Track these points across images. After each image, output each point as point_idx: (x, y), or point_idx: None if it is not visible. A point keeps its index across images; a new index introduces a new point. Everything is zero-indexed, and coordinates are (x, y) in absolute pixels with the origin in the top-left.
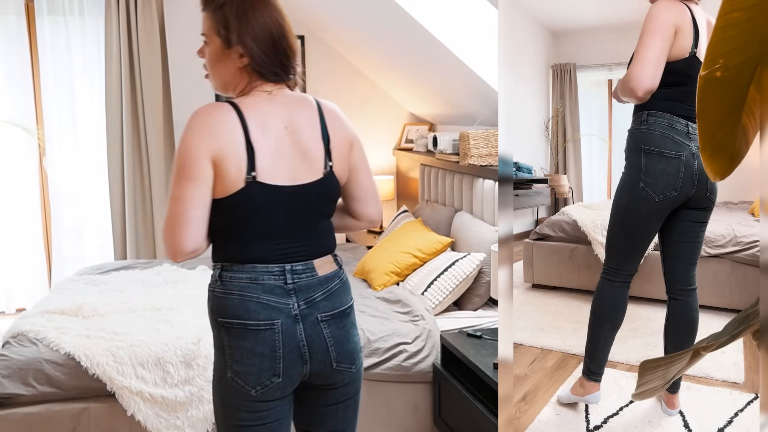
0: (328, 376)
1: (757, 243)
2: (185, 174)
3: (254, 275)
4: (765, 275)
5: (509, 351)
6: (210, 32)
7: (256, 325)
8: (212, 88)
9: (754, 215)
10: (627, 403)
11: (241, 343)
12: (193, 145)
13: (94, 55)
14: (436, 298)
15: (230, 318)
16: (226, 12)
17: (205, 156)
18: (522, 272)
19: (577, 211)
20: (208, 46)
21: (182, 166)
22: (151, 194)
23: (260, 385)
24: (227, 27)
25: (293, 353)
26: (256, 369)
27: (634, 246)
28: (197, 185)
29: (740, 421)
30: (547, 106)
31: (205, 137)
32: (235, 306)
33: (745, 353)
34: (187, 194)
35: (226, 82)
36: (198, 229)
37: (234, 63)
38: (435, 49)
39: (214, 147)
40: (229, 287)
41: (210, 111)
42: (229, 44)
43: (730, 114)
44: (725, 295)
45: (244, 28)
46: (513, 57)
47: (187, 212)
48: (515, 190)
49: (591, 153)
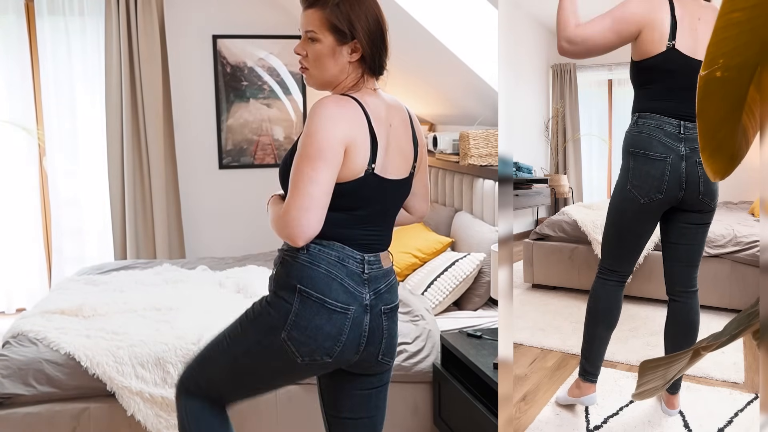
0: (368, 366)
1: (757, 243)
2: (323, 158)
3: (342, 255)
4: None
5: (509, 351)
6: (321, 28)
7: (333, 305)
8: (309, 84)
9: (754, 215)
10: (627, 403)
11: (312, 316)
12: (331, 132)
13: (94, 55)
14: (436, 298)
15: (311, 289)
16: (345, 8)
17: (342, 142)
18: (522, 272)
19: (577, 211)
20: (316, 42)
21: (321, 150)
22: (151, 194)
23: (310, 357)
24: (348, 22)
25: (354, 341)
26: (315, 344)
27: (626, 247)
28: (332, 170)
29: (740, 421)
30: (547, 106)
31: (342, 125)
32: (321, 279)
33: (745, 353)
34: (324, 178)
35: (333, 77)
36: (325, 213)
37: (344, 58)
38: (435, 48)
39: (350, 135)
40: (317, 259)
41: (339, 103)
42: (344, 39)
43: (730, 114)
44: (725, 295)
45: (361, 24)
46: (513, 57)
47: (324, 196)
48: (515, 190)
49: (591, 153)
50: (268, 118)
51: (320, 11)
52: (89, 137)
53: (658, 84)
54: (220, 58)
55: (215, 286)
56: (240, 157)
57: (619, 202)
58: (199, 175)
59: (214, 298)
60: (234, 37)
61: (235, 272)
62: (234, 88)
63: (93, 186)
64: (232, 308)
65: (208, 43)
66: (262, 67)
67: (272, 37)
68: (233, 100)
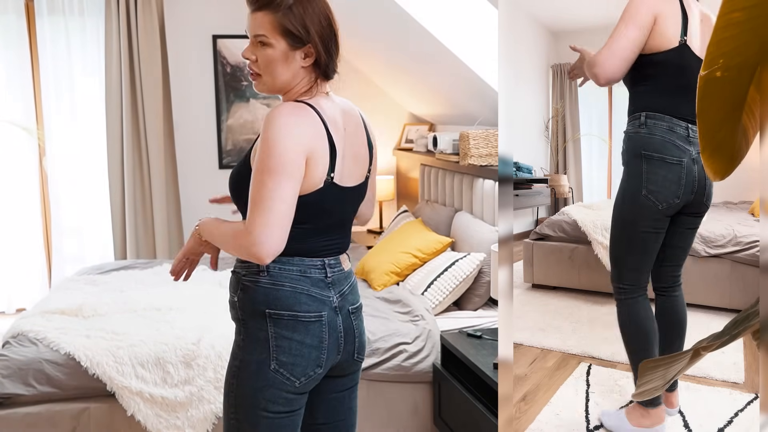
0: (346, 367)
1: (757, 243)
2: (286, 172)
3: (302, 268)
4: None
5: (509, 351)
6: (273, 33)
7: (306, 317)
8: (259, 90)
9: (754, 215)
10: (627, 403)
11: (290, 335)
12: (291, 143)
13: (94, 55)
14: (436, 298)
15: (281, 310)
16: (299, 11)
17: (303, 154)
18: (522, 272)
19: (577, 211)
20: (267, 47)
21: (282, 164)
22: (151, 194)
23: (305, 376)
24: (301, 26)
25: (333, 344)
26: (304, 360)
27: (647, 256)
28: (296, 183)
29: (740, 421)
30: (547, 106)
31: (300, 136)
32: (287, 298)
33: (745, 353)
34: (288, 193)
35: (285, 83)
36: (289, 229)
37: (297, 63)
38: (435, 49)
39: (309, 146)
40: (279, 279)
41: (296, 111)
42: (298, 44)
43: (730, 114)
44: (725, 295)
45: (315, 27)
46: (513, 57)
47: (289, 211)
48: (515, 190)
49: (591, 153)
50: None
51: (271, 14)
52: (89, 137)
53: (666, 80)
54: (220, 58)
55: (215, 286)
56: (240, 157)
57: (633, 210)
58: (199, 175)
59: (214, 298)
60: (234, 37)
61: None
62: (234, 88)
63: (93, 186)
64: None
65: (208, 43)
66: None
67: None
68: (233, 100)
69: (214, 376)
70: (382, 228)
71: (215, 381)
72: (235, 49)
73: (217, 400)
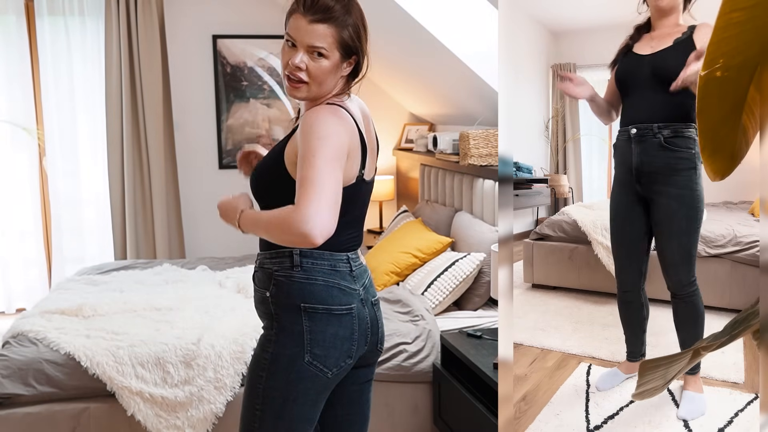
0: (369, 357)
1: (757, 243)
2: (339, 159)
3: (332, 262)
4: (765, 275)
5: (509, 351)
6: (332, 46)
7: (339, 310)
8: (298, 96)
9: (754, 215)
10: (627, 403)
11: (324, 328)
12: (340, 138)
13: (94, 55)
14: (436, 298)
15: (316, 303)
16: (355, 26)
17: (346, 152)
18: (522, 272)
19: (577, 211)
20: (322, 58)
21: (335, 152)
22: (151, 194)
23: (336, 367)
24: (357, 41)
25: (363, 334)
26: (337, 352)
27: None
28: (342, 174)
29: (740, 421)
30: (547, 106)
31: (343, 134)
32: (321, 291)
33: (745, 353)
34: (339, 179)
35: (329, 91)
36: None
37: (340, 73)
38: (435, 49)
39: (350, 144)
40: (312, 273)
41: (335, 112)
42: (349, 56)
43: (730, 114)
44: (725, 295)
45: (363, 41)
46: (513, 57)
47: (339, 197)
48: (515, 190)
49: (591, 153)
50: (268, 118)
51: (333, 28)
52: (89, 137)
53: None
54: (220, 58)
55: (215, 286)
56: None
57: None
58: (199, 175)
59: (214, 298)
60: (234, 37)
61: (235, 272)
62: (234, 88)
63: (93, 186)
64: (232, 308)
65: (208, 43)
66: (262, 67)
67: (272, 37)
68: (233, 100)
69: (214, 376)
70: (382, 228)
71: (215, 381)
72: (235, 49)
73: (217, 400)
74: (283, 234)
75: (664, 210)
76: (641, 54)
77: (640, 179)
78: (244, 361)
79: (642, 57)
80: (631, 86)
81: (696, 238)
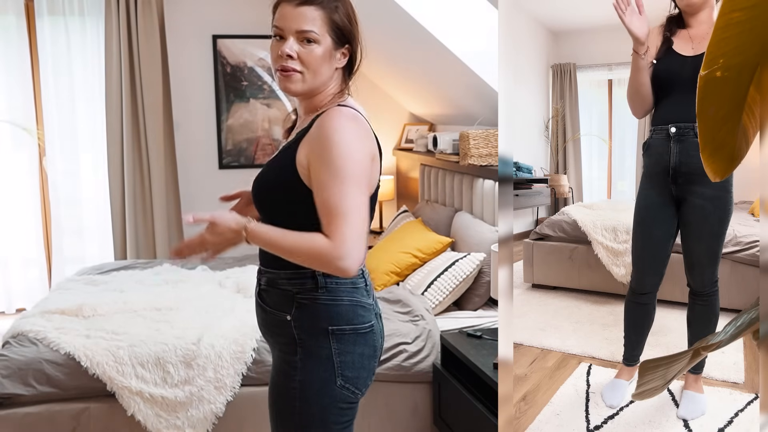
0: None
1: (757, 243)
2: (362, 183)
3: (352, 279)
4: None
5: (509, 351)
6: (322, 29)
7: (363, 329)
8: (293, 89)
9: (754, 215)
10: (627, 403)
11: (352, 349)
12: (362, 151)
13: (94, 55)
14: (436, 298)
15: (343, 324)
16: (344, 9)
17: (369, 161)
18: (522, 272)
19: (577, 211)
20: (313, 44)
21: (362, 171)
22: (151, 194)
23: (365, 387)
24: (349, 24)
25: (381, 347)
26: (365, 372)
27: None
28: (369, 192)
29: (740, 421)
30: (547, 106)
31: (366, 141)
32: (347, 312)
33: (745, 353)
34: (367, 202)
35: (324, 82)
36: None
37: (335, 63)
38: (435, 49)
39: (373, 152)
40: (337, 294)
41: (352, 116)
42: (340, 43)
43: (730, 114)
44: (725, 295)
45: (355, 27)
46: (513, 57)
47: (368, 218)
48: (515, 190)
49: (591, 153)
50: (268, 118)
51: (321, 10)
52: (89, 137)
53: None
54: (220, 58)
55: (215, 286)
56: (240, 157)
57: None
58: (199, 175)
59: (214, 298)
60: (234, 37)
61: (235, 272)
62: (234, 88)
63: (93, 186)
64: (232, 308)
65: (208, 43)
66: (262, 67)
67: (272, 37)
68: (233, 100)
69: (214, 376)
70: (382, 228)
71: (215, 381)
72: (235, 49)
73: (217, 400)
74: (315, 265)
75: (699, 211)
76: (683, 55)
77: (677, 179)
78: (244, 361)
79: (684, 58)
80: (672, 86)
81: (723, 240)
